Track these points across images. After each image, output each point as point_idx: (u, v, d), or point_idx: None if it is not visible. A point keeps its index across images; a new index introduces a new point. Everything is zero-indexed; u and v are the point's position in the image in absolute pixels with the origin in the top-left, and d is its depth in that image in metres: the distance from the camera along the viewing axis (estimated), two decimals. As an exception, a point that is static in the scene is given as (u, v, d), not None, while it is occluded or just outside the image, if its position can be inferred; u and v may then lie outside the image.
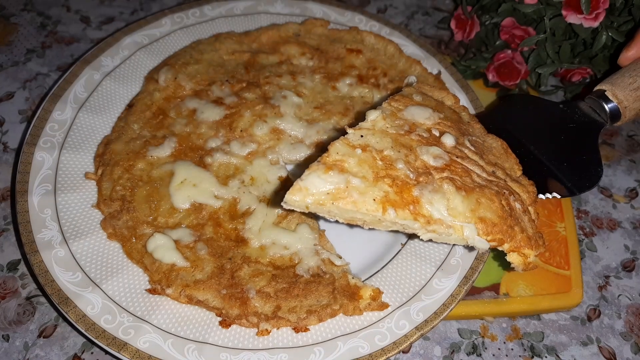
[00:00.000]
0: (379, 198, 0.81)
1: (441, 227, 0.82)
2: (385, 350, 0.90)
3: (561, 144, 1.02)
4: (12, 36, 1.49)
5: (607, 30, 1.22)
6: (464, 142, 0.94)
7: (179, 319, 0.92)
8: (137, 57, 1.26)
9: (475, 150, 0.94)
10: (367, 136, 0.89)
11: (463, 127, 0.99)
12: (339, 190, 0.81)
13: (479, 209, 0.84)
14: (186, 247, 0.98)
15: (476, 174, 0.89)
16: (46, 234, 0.97)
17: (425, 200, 0.82)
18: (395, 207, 0.81)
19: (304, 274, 0.96)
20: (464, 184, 0.85)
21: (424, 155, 0.88)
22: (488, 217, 0.83)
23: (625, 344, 1.07)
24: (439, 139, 0.92)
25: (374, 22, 1.40)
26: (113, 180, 1.05)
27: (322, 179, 0.81)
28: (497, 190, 0.87)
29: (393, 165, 0.86)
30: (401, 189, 0.83)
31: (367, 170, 0.84)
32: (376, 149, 0.88)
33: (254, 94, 1.19)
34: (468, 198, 0.84)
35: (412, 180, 0.84)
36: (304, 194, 0.80)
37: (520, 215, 0.87)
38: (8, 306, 1.04)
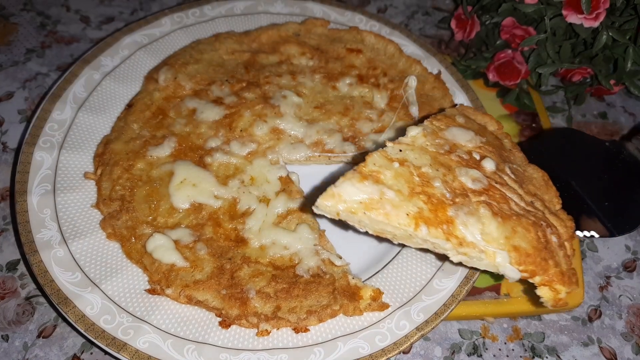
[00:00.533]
0: (413, 213, 0.79)
1: (473, 250, 0.80)
2: (385, 351, 0.90)
3: (604, 183, 1.01)
4: (12, 36, 1.49)
5: (608, 30, 1.22)
6: (504, 168, 0.91)
7: (179, 319, 0.92)
8: (136, 57, 1.26)
9: (515, 179, 0.91)
10: (406, 151, 0.87)
11: (504, 154, 0.96)
12: (373, 201, 0.79)
13: (514, 237, 0.81)
14: (186, 247, 0.98)
15: (514, 202, 0.87)
16: (45, 234, 0.96)
17: (460, 222, 0.80)
18: (428, 225, 0.79)
19: (304, 274, 0.96)
20: (500, 210, 0.83)
21: (463, 177, 0.86)
22: (522, 247, 0.80)
23: (626, 344, 1.07)
24: (479, 163, 0.90)
25: (374, 22, 1.39)
26: (112, 180, 1.05)
27: (356, 188, 0.80)
28: (534, 221, 0.84)
29: (430, 182, 0.84)
30: (436, 207, 0.81)
31: (402, 185, 0.82)
32: (414, 164, 0.86)
33: (254, 94, 1.19)
34: (504, 225, 0.81)
35: (449, 200, 0.82)
36: (337, 201, 0.79)
37: (556, 249, 0.84)
38: (7, 306, 1.04)
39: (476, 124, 1.01)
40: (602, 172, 1.02)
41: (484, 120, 1.06)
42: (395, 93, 1.23)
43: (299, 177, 1.10)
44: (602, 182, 1.01)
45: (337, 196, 0.79)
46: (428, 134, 0.92)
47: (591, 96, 1.46)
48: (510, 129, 1.31)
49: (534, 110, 1.35)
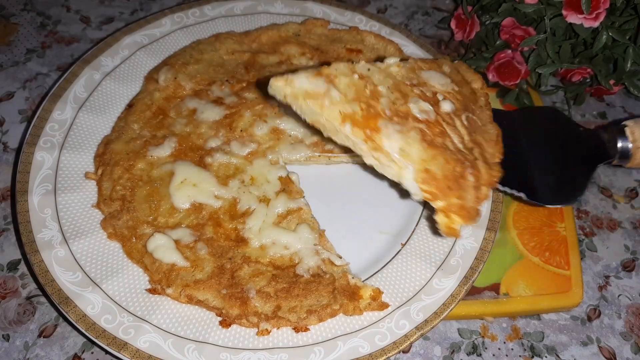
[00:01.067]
0: (345, 112, 0.86)
1: (385, 158, 0.85)
2: (385, 350, 0.90)
3: (559, 160, 1.01)
4: (12, 36, 1.49)
5: (608, 30, 1.22)
6: (460, 115, 0.95)
7: (179, 319, 0.92)
8: (137, 57, 1.26)
9: (467, 126, 0.95)
10: (373, 72, 0.92)
11: (470, 106, 0.99)
12: (316, 93, 0.86)
13: (431, 161, 0.85)
14: (186, 247, 0.98)
15: (452, 140, 0.90)
16: (46, 234, 0.97)
17: (385, 133, 0.85)
18: (353, 124, 0.85)
19: (304, 274, 0.96)
20: (432, 140, 0.87)
21: (412, 105, 0.91)
22: (433, 171, 0.85)
23: (626, 343, 1.07)
24: (438, 102, 0.94)
25: (374, 22, 1.40)
26: (113, 180, 1.05)
27: (308, 80, 0.86)
28: (458, 158, 0.88)
29: (377, 98, 0.89)
30: (370, 116, 0.87)
31: (351, 91, 0.88)
32: (373, 82, 0.91)
33: (254, 94, 1.19)
34: (427, 150, 0.86)
35: (386, 115, 0.87)
36: (287, 84, 0.86)
37: (468, 187, 0.87)
38: (8, 306, 1.04)
39: (460, 77, 1.05)
40: (563, 150, 1.02)
41: (471, 78, 1.09)
42: (395, 93, 1.23)
43: (298, 177, 1.10)
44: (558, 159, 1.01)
45: (289, 81, 0.86)
46: (405, 67, 0.97)
47: (591, 96, 1.46)
48: (509, 129, 1.31)
49: (534, 110, 1.36)
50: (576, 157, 1.00)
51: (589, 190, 1.29)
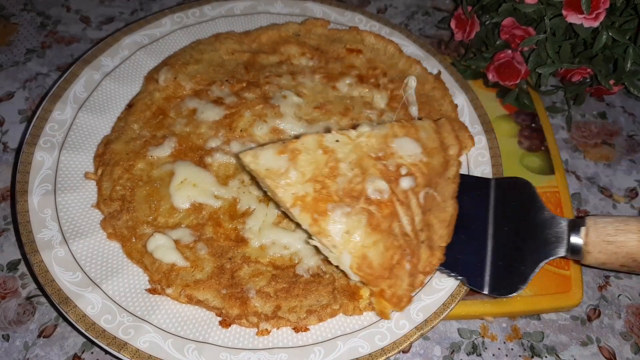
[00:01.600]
0: (298, 195, 0.89)
1: (328, 242, 0.88)
2: (385, 350, 0.90)
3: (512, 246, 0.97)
4: (12, 36, 1.49)
5: (608, 30, 1.22)
6: (419, 192, 0.96)
7: (179, 319, 0.92)
8: (137, 57, 1.26)
9: (423, 205, 0.95)
10: (342, 143, 0.94)
11: (435, 181, 0.99)
12: (276, 172, 0.90)
13: (370, 248, 0.88)
14: (186, 247, 0.98)
15: (400, 222, 0.92)
16: (46, 234, 0.97)
17: (331, 218, 0.88)
18: (302, 209, 0.88)
19: (304, 274, 0.96)
20: (377, 224, 0.89)
21: (368, 184, 0.92)
22: (370, 259, 0.88)
23: (625, 344, 1.07)
24: (398, 179, 0.95)
25: (374, 22, 1.40)
26: (113, 180, 1.05)
27: (272, 157, 0.90)
28: (400, 245, 0.90)
29: (334, 178, 0.91)
30: (320, 199, 0.89)
31: (308, 170, 0.91)
32: (337, 157, 0.93)
33: (254, 94, 1.19)
34: (370, 236, 0.88)
35: (337, 197, 0.90)
36: (253, 160, 0.91)
37: (403, 275, 0.90)
38: (8, 306, 1.04)
39: (437, 142, 1.03)
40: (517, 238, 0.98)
41: (450, 143, 1.07)
42: (395, 93, 1.23)
43: (299, 177, 1.10)
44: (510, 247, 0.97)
45: (256, 157, 0.91)
46: (377, 136, 0.97)
47: (591, 96, 1.46)
48: (509, 129, 1.31)
49: (534, 111, 1.36)
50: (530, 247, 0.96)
51: (589, 191, 1.29)
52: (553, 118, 1.42)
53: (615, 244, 0.88)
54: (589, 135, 1.40)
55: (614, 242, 0.88)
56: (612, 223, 0.90)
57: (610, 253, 0.89)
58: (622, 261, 0.89)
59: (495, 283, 0.95)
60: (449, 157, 1.05)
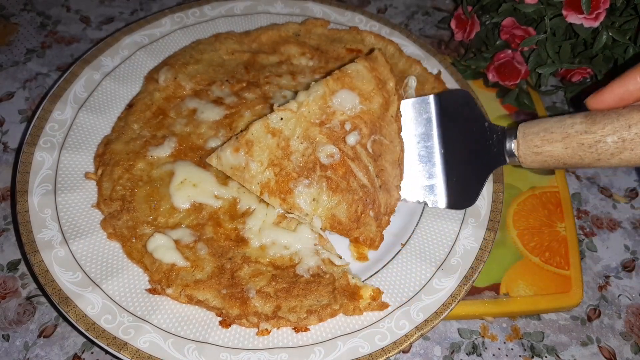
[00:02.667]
0: (262, 182, 1.01)
1: (300, 213, 1.01)
2: (385, 350, 0.90)
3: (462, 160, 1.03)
4: (12, 36, 1.49)
5: (608, 30, 1.22)
6: (366, 143, 1.03)
7: (179, 319, 0.92)
8: (137, 57, 1.26)
9: (373, 154, 1.04)
10: (286, 120, 1.02)
11: (379, 125, 1.06)
12: (238, 168, 1.01)
13: (336, 208, 1.01)
14: (186, 247, 0.98)
15: (355, 177, 1.02)
16: (46, 234, 0.97)
17: (297, 192, 1.00)
18: (270, 193, 1.00)
19: (304, 274, 0.96)
20: (337, 186, 1.01)
21: (320, 153, 1.01)
22: (337, 216, 1.01)
23: (625, 344, 1.07)
24: (345, 136, 1.03)
25: (374, 22, 1.40)
26: (113, 180, 1.05)
27: (231, 156, 1.01)
28: (360, 197, 1.01)
29: (289, 156, 1.01)
30: (282, 180, 1.00)
31: (265, 157, 1.01)
32: (285, 136, 1.02)
33: (254, 94, 1.19)
34: (332, 197, 1.01)
35: (295, 174, 1.01)
36: (219, 162, 1.03)
37: (370, 221, 1.02)
38: (8, 306, 1.04)
39: (373, 82, 1.07)
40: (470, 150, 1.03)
41: (386, 77, 1.10)
42: (395, 93, 1.23)
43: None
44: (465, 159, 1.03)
45: (219, 158, 1.02)
46: (316, 99, 1.03)
47: (591, 96, 1.46)
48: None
49: (534, 111, 1.36)
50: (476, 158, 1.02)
51: (589, 190, 1.29)
52: (553, 118, 1.42)
53: (543, 154, 0.92)
54: (589, 135, 1.40)
55: (541, 152, 0.92)
56: (537, 134, 0.92)
57: (541, 161, 0.93)
58: (555, 165, 0.93)
59: (452, 198, 1.04)
60: (388, 93, 1.09)
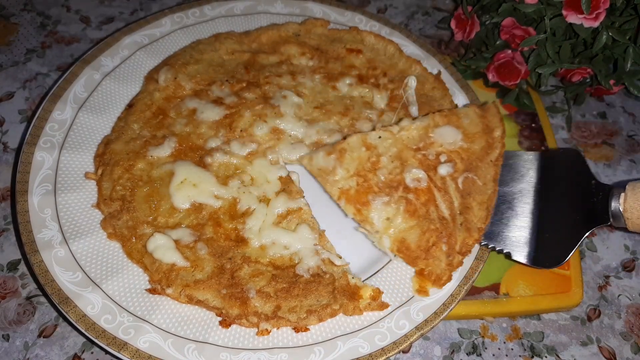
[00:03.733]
0: (343, 189, 1.03)
1: (371, 228, 1.01)
2: (385, 350, 0.90)
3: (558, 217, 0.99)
4: (12, 36, 1.49)
5: (608, 30, 1.22)
6: (457, 177, 1.03)
7: (179, 319, 0.92)
8: (137, 57, 1.26)
9: (462, 190, 1.03)
10: (384, 139, 1.06)
11: (476, 165, 1.05)
12: (326, 170, 1.04)
13: (408, 232, 0.99)
14: (186, 247, 0.98)
15: (437, 207, 1.00)
16: (46, 234, 0.97)
17: (373, 206, 1.00)
18: (347, 201, 1.02)
19: (304, 274, 0.96)
20: (415, 210, 1.00)
21: (407, 174, 1.02)
22: (408, 242, 0.98)
23: (625, 344, 1.07)
24: (437, 166, 1.04)
25: (374, 22, 1.40)
26: (113, 180, 1.05)
27: (323, 159, 1.05)
28: (437, 229, 0.98)
29: (375, 171, 1.03)
30: (362, 191, 1.01)
31: (352, 166, 1.04)
32: (378, 152, 1.05)
33: (254, 94, 1.19)
34: (407, 221, 0.99)
35: (377, 189, 1.02)
36: (309, 162, 1.08)
37: (441, 256, 0.97)
38: (8, 306, 1.04)
39: (479, 127, 1.08)
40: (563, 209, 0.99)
41: (495, 125, 1.11)
42: (395, 93, 1.23)
43: (299, 176, 1.10)
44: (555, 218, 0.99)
45: (310, 158, 1.07)
46: (418, 128, 1.08)
47: (591, 96, 1.46)
48: (509, 129, 1.31)
49: (534, 111, 1.36)
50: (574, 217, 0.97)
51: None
52: (553, 118, 1.42)
53: None
54: (589, 135, 1.40)
55: None
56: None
57: None
58: None
59: (539, 255, 0.97)
60: (492, 139, 1.09)
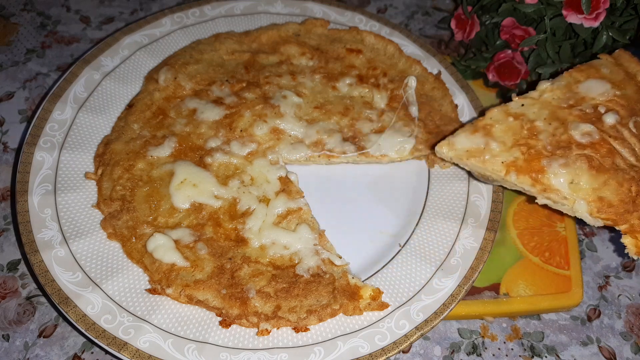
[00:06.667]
0: (507, 162, 0.93)
1: (557, 196, 0.90)
2: (385, 350, 0.90)
3: None
4: (12, 36, 1.49)
5: (608, 30, 1.22)
6: (628, 122, 0.95)
7: (179, 319, 0.92)
8: (137, 57, 1.26)
9: (637, 133, 0.94)
10: (528, 106, 0.98)
11: (637, 107, 0.98)
12: (477, 150, 0.95)
13: (603, 189, 0.88)
14: (186, 247, 0.98)
15: (621, 156, 0.91)
16: (46, 234, 0.97)
17: (551, 171, 0.90)
18: (518, 172, 0.91)
19: (304, 274, 0.96)
20: (600, 164, 0.90)
21: (573, 131, 0.93)
22: (607, 198, 0.87)
23: (625, 343, 1.07)
24: (601, 117, 0.95)
25: (374, 22, 1.40)
26: (113, 180, 1.05)
27: (467, 139, 0.96)
28: (632, 177, 0.89)
29: (536, 135, 0.94)
30: (532, 158, 0.92)
31: (508, 137, 0.95)
32: (529, 118, 0.96)
33: (254, 94, 1.19)
34: (596, 177, 0.88)
35: (547, 152, 0.92)
36: (450, 148, 0.97)
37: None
38: (8, 306, 1.04)
39: (622, 74, 1.03)
40: None
41: (635, 69, 1.06)
42: (395, 93, 1.23)
43: (297, 177, 1.10)
44: None
45: (451, 144, 0.98)
46: (560, 87, 1.00)
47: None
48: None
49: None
50: None
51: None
52: (553, 118, 1.42)
53: None
54: (589, 135, 1.40)
55: None
56: None
57: None
58: None
59: None
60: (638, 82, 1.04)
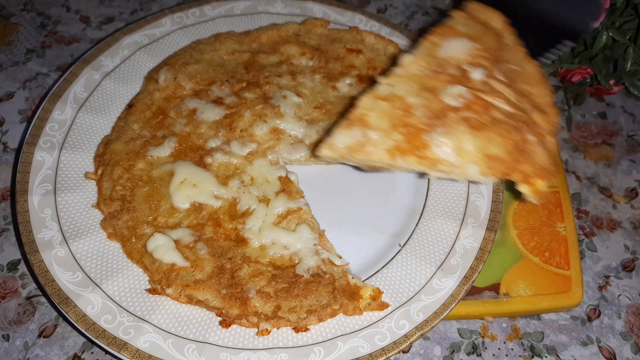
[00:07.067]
0: (390, 147, 0.88)
1: (447, 167, 0.87)
2: (385, 350, 0.90)
3: None
4: (12, 36, 1.49)
5: (608, 30, 1.22)
6: (494, 73, 0.93)
7: (179, 319, 0.92)
8: (137, 57, 1.26)
9: (506, 81, 0.92)
10: (397, 85, 0.93)
11: (500, 54, 0.97)
12: (358, 144, 0.89)
13: (489, 146, 0.86)
14: (186, 247, 0.98)
15: (497, 108, 0.89)
16: (46, 234, 0.97)
17: (434, 144, 0.87)
18: (403, 154, 0.87)
19: (304, 274, 0.96)
20: (479, 122, 0.87)
21: (444, 96, 0.90)
22: (496, 154, 0.85)
23: (625, 343, 1.07)
24: (468, 74, 0.93)
25: (374, 22, 1.40)
26: (113, 180, 1.05)
27: (346, 135, 0.90)
28: (514, 125, 0.87)
29: (411, 112, 0.90)
30: (412, 137, 0.88)
31: (385, 122, 0.90)
32: (399, 96, 0.92)
33: (254, 94, 1.19)
34: (479, 136, 0.86)
35: (426, 125, 0.88)
36: (331, 149, 0.91)
37: (533, 148, 0.86)
38: (8, 306, 1.04)
39: (478, 26, 1.01)
40: None
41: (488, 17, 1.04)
42: (395, 93, 1.23)
43: (297, 177, 1.10)
44: None
45: (331, 145, 0.91)
46: (422, 56, 0.96)
47: (591, 96, 1.46)
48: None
49: (534, 110, 1.35)
50: None
51: (589, 191, 1.29)
52: (553, 118, 1.42)
53: None
54: (589, 135, 1.40)
55: None
56: None
57: None
58: None
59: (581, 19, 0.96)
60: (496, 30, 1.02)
